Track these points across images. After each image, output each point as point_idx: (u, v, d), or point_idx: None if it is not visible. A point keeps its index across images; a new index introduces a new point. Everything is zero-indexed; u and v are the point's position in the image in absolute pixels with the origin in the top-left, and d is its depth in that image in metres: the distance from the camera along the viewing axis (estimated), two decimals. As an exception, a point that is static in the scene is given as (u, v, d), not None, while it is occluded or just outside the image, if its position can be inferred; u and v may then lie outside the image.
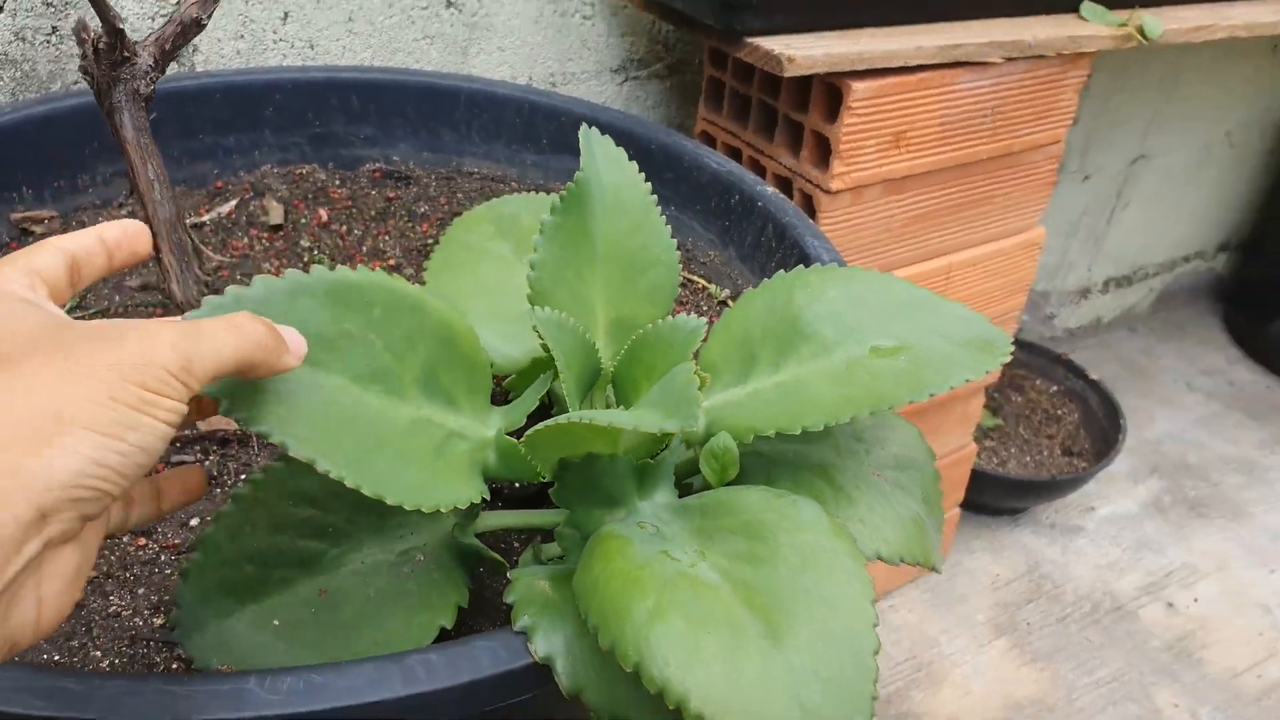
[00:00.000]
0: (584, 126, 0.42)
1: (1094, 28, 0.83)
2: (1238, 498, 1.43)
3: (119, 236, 0.35)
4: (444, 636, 0.36)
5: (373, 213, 0.67)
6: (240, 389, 0.31)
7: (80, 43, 0.42)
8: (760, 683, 0.28)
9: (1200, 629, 1.22)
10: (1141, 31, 0.84)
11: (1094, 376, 1.42)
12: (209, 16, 0.45)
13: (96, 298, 0.56)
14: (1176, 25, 0.86)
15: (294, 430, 0.31)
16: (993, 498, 1.29)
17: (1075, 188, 1.46)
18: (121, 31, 0.41)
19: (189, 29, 0.44)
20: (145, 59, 0.43)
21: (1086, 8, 0.85)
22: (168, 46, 0.44)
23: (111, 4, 0.41)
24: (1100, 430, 1.36)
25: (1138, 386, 1.64)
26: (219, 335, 0.28)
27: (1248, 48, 1.47)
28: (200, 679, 0.29)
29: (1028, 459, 1.33)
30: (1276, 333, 1.68)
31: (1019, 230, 0.95)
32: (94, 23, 0.42)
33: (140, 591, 0.40)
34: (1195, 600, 1.26)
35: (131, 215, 0.63)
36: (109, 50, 0.41)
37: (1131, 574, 1.29)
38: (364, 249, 0.63)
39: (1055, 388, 1.45)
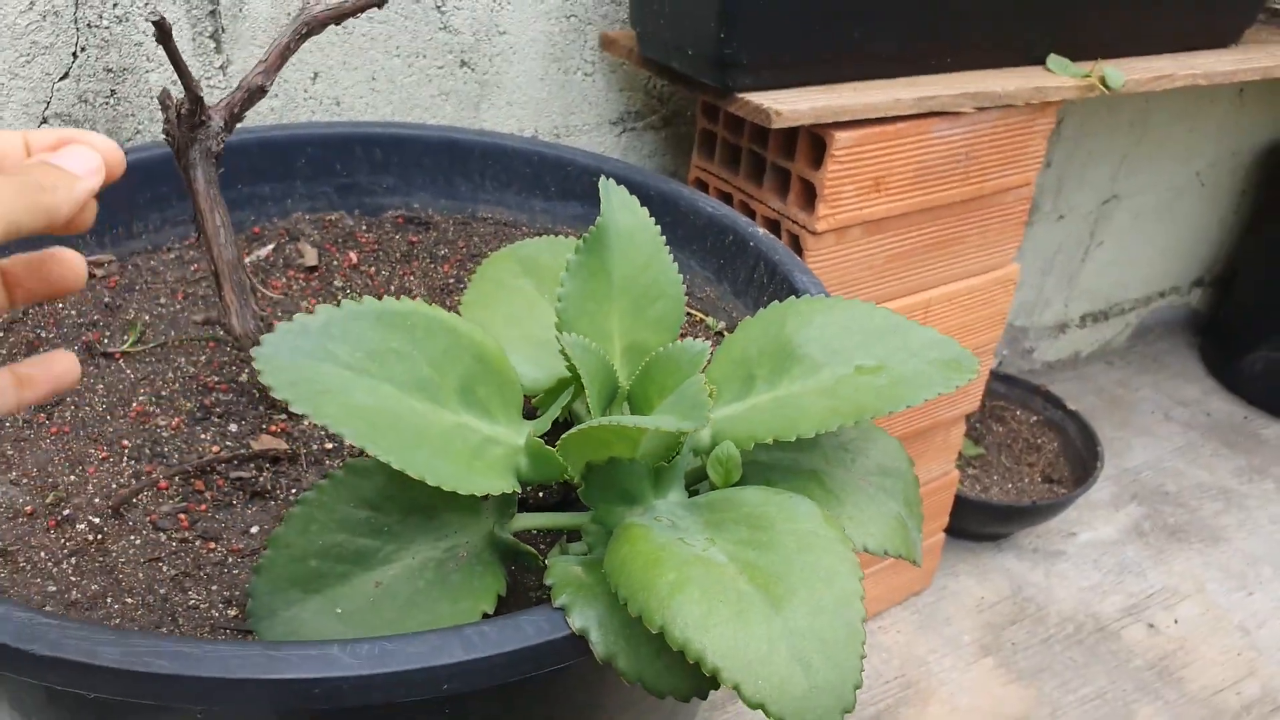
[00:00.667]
0: (603, 179, 0.48)
1: (1059, 79, 0.90)
2: (1215, 523, 1.49)
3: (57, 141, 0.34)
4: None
5: (397, 255, 0.73)
6: (305, 390, 0.37)
7: (164, 109, 0.48)
8: (765, 642, 0.34)
9: (1181, 649, 1.27)
10: (1104, 82, 0.91)
11: (1072, 407, 1.48)
12: (271, 83, 0.51)
13: (155, 333, 0.62)
14: (1138, 75, 0.93)
15: (350, 424, 0.37)
16: (976, 523, 1.34)
17: (1050, 227, 1.54)
18: (201, 99, 0.47)
19: (254, 95, 0.51)
20: (217, 121, 0.50)
21: (1052, 60, 0.92)
22: (236, 110, 0.50)
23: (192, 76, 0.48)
24: (1079, 459, 1.42)
25: (1116, 417, 1.71)
26: None
27: (1215, 91, 1.55)
28: (292, 645, 0.34)
29: (1009, 486, 1.38)
30: (1251, 365, 1.76)
31: (994, 267, 1.01)
32: (175, 90, 0.49)
33: (214, 588, 0.45)
34: (1176, 621, 1.31)
35: (179, 259, 0.69)
36: (190, 115, 0.48)
37: (1113, 596, 1.34)
38: (392, 288, 0.69)
39: (1035, 418, 1.51)
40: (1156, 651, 1.26)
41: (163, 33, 0.43)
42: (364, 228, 0.76)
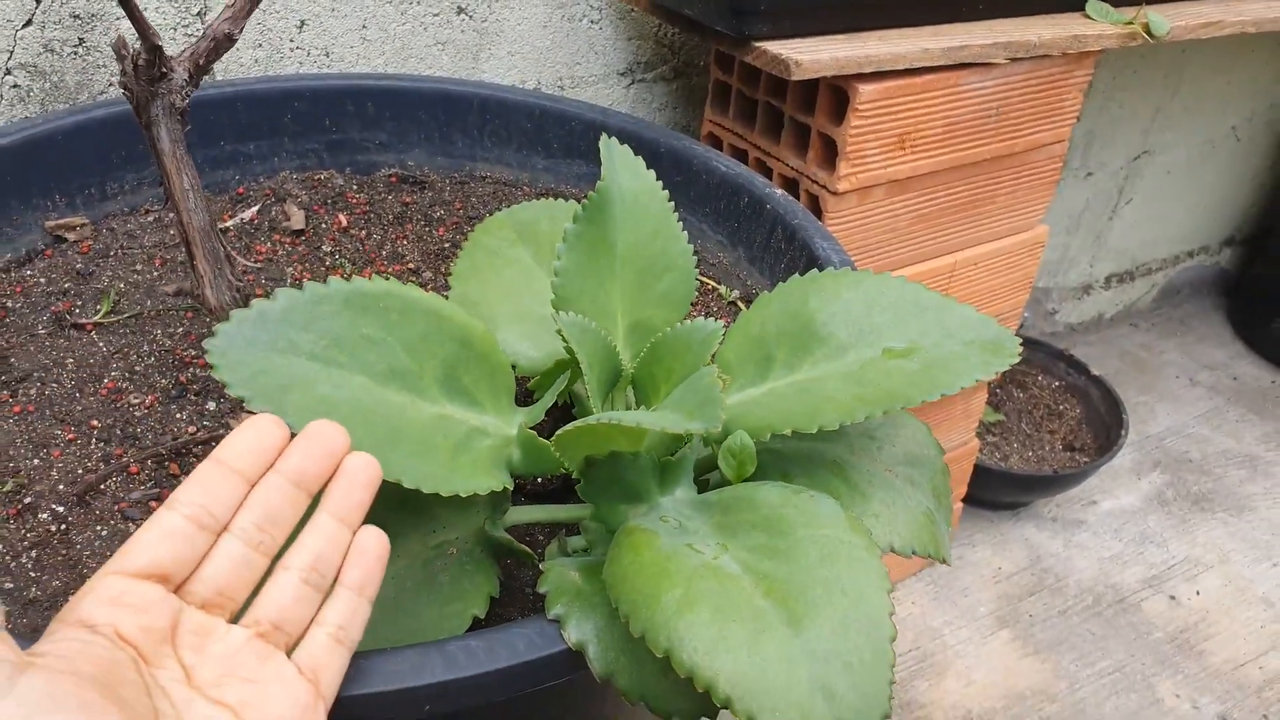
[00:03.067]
0: (604, 137, 0.43)
1: (1099, 26, 0.84)
2: (1240, 492, 1.45)
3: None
4: (476, 625, 0.38)
5: (390, 217, 0.69)
6: (264, 386, 0.33)
7: (120, 59, 0.43)
8: (783, 667, 0.30)
9: (1202, 621, 1.24)
10: (1148, 29, 0.85)
11: (1096, 372, 1.43)
12: (240, 31, 0.46)
13: (130, 302, 0.58)
14: (1183, 22, 0.87)
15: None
16: (995, 492, 1.30)
17: (1077, 184, 1.48)
18: (160, 48, 0.43)
19: (221, 44, 0.46)
20: (180, 74, 0.45)
21: (1092, 6, 0.86)
22: (201, 61, 0.46)
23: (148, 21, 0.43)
24: (1102, 425, 1.38)
25: (1140, 382, 1.66)
26: None
27: (1255, 41, 1.48)
28: (254, 666, 0.31)
29: (1029, 454, 1.34)
30: None
31: (1022, 229, 0.96)
32: (132, 39, 0.44)
33: (183, 586, 0.41)
34: (1198, 593, 1.28)
35: (158, 222, 0.65)
36: (148, 66, 0.43)
37: (1134, 567, 1.31)
38: (383, 253, 0.65)
39: (1057, 383, 1.47)
40: (1177, 624, 1.23)
41: (111, -27, 0.38)
42: (355, 187, 0.72)
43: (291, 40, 0.76)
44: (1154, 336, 1.78)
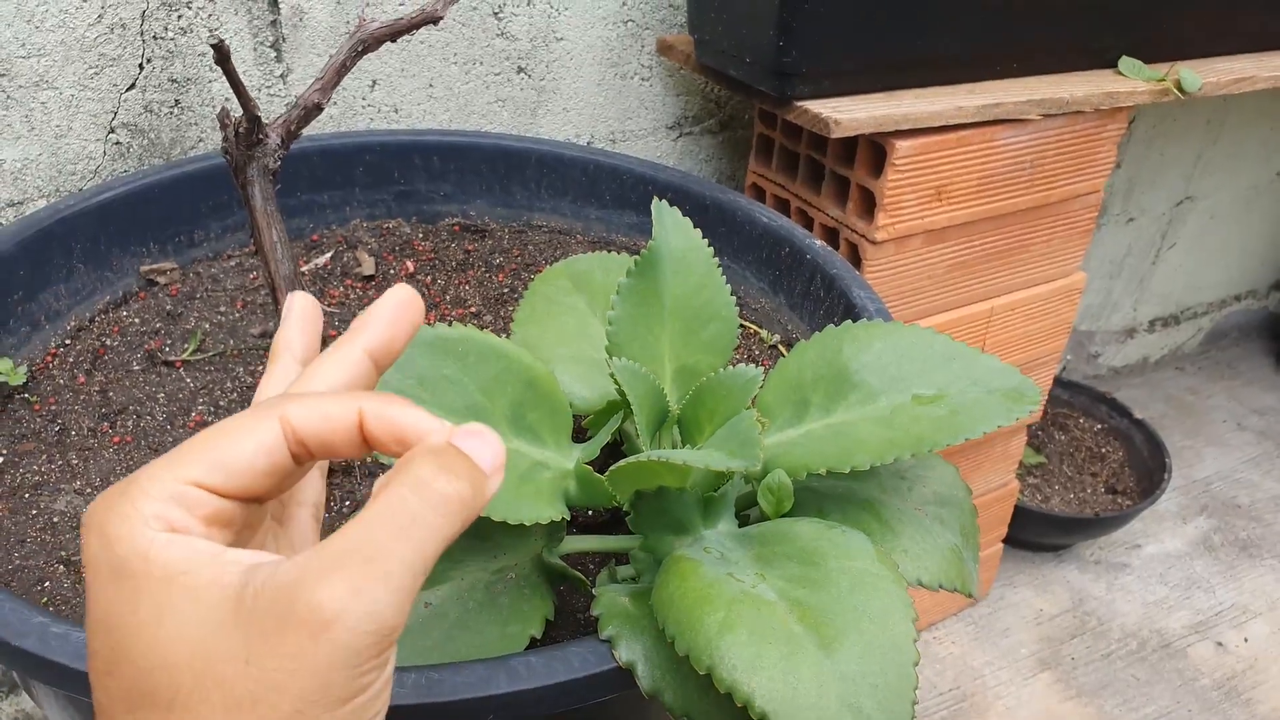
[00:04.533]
0: (655, 200, 0.47)
1: (1131, 83, 0.87)
2: (1290, 538, 1.44)
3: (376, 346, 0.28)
4: (532, 644, 0.41)
5: (453, 264, 0.73)
6: None
7: (223, 127, 0.48)
8: (815, 686, 0.33)
9: (1250, 669, 1.22)
10: (1179, 86, 0.87)
11: (1139, 415, 1.43)
12: (328, 101, 0.51)
13: (214, 341, 0.63)
14: (1215, 78, 0.89)
15: None
16: (1036, 534, 1.31)
17: (1118, 229, 1.49)
18: (259, 118, 0.48)
19: (311, 112, 0.51)
20: (274, 139, 0.50)
21: (1124, 63, 0.89)
22: (293, 128, 0.51)
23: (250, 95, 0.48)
24: (1145, 469, 1.38)
25: (1186, 425, 1.65)
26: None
27: (1294, 90, 1.49)
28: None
29: (1071, 496, 1.35)
30: (1329, 372, 1.68)
31: (1059, 276, 0.98)
32: (233, 107, 0.49)
33: (268, 603, 0.46)
34: (1245, 640, 1.26)
35: (239, 267, 0.71)
36: (247, 134, 0.48)
37: (1180, 612, 1.30)
38: (447, 297, 0.69)
39: (1099, 426, 1.47)
40: (1224, 671, 1.22)
41: (221, 55, 0.44)
42: (421, 235, 0.77)
43: (364, 98, 0.82)
44: (1201, 380, 1.77)
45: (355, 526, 0.23)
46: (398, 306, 0.29)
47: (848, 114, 0.73)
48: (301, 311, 0.30)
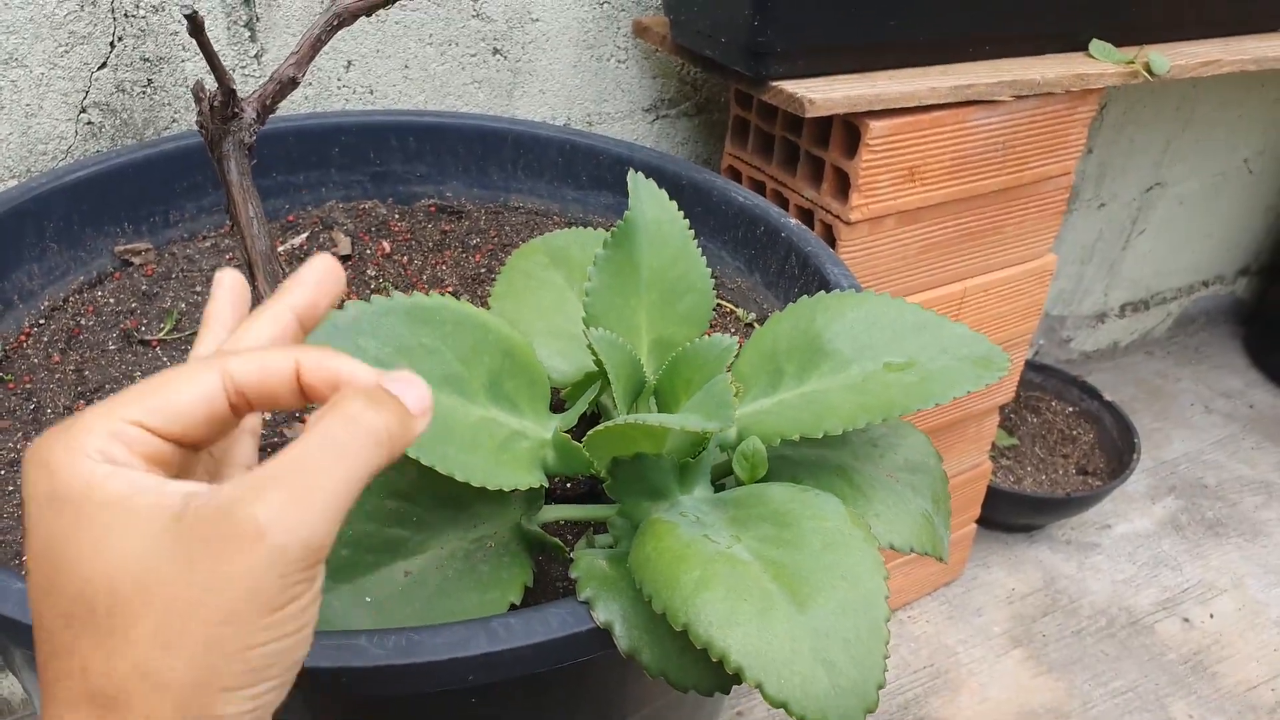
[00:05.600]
0: (631, 171, 0.48)
1: (1102, 65, 0.88)
2: (1255, 518, 1.47)
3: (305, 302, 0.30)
4: (512, 611, 0.42)
5: (430, 244, 0.74)
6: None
7: (198, 101, 0.48)
8: (789, 641, 0.34)
9: (1216, 644, 1.25)
10: (1148, 68, 0.89)
11: (1109, 398, 1.46)
12: (303, 75, 0.51)
13: (190, 321, 0.63)
14: (1184, 61, 0.91)
15: None
16: (1008, 514, 1.33)
17: (1090, 215, 1.51)
18: (234, 91, 0.48)
19: (286, 86, 0.51)
20: (250, 114, 0.50)
21: (1095, 46, 0.90)
22: (269, 102, 0.51)
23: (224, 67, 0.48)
24: (1115, 450, 1.40)
25: (1155, 408, 1.68)
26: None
27: (1266, 76, 1.51)
28: (320, 635, 0.35)
29: (1043, 478, 1.37)
30: (1295, 356, 1.72)
31: (1031, 258, 1.00)
32: (209, 82, 0.49)
33: (247, 574, 0.46)
34: (1211, 616, 1.29)
35: (215, 247, 0.70)
36: (223, 108, 0.48)
37: (1148, 590, 1.32)
38: (424, 277, 0.69)
39: (1071, 409, 1.49)
40: (1191, 646, 1.24)
41: (195, 26, 0.44)
42: (397, 216, 0.77)
43: (339, 79, 0.81)
44: (1170, 364, 1.80)
45: (289, 452, 0.25)
46: (322, 272, 0.31)
47: (822, 94, 0.73)
48: (230, 285, 0.32)
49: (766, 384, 0.46)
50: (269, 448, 0.54)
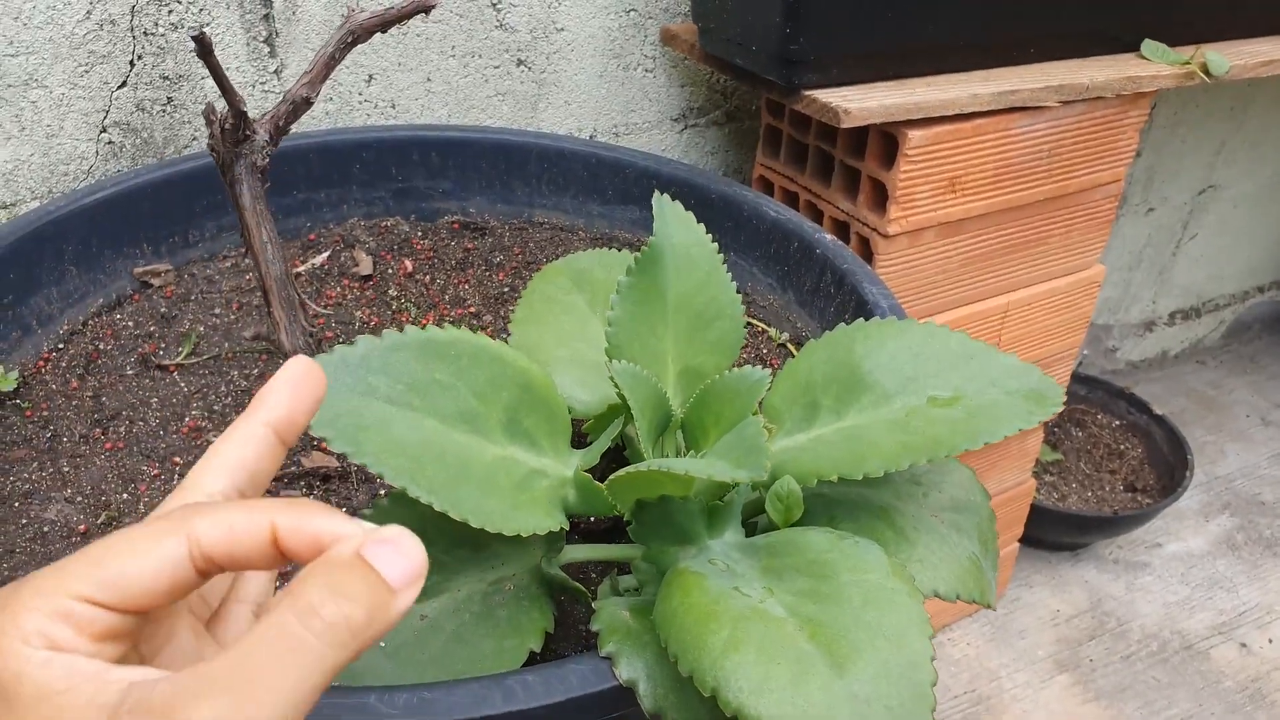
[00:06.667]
0: (656, 194, 0.45)
1: (1155, 67, 0.84)
2: (1315, 535, 1.40)
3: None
4: (532, 658, 0.39)
5: (453, 262, 0.72)
6: (345, 426, 0.35)
7: (209, 124, 0.47)
8: (826, 709, 0.31)
9: (1276, 670, 1.19)
10: (1205, 69, 0.84)
11: (1159, 411, 1.40)
12: (317, 95, 0.50)
13: (209, 345, 0.61)
14: (1243, 61, 0.86)
15: (390, 462, 0.35)
16: (1052, 533, 1.28)
17: (1138, 220, 1.46)
18: (245, 114, 0.46)
19: (300, 107, 0.49)
20: (262, 135, 0.48)
21: (1148, 46, 0.86)
22: (281, 123, 0.49)
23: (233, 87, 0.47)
24: (1166, 466, 1.35)
25: (1208, 421, 1.62)
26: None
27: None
28: (327, 692, 0.33)
29: (1089, 494, 1.32)
30: (1353, 364, 1.64)
31: (1078, 269, 0.96)
32: (220, 104, 0.47)
33: (257, 617, 0.44)
34: (1270, 641, 1.24)
35: (235, 267, 0.69)
36: (233, 130, 0.46)
37: (1202, 613, 1.27)
38: (446, 297, 0.68)
39: (1118, 422, 1.44)
40: (1249, 673, 1.19)
41: (204, 48, 0.42)
42: (420, 233, 0.75)
43: (360, 94, 0.80)
44: (1223, 374, 1.74)
45: (236, 649, 0.22)
46: (296, 379, 0.28)
47: (858, 103, 0.70)
48: (291, 376, 0.29)
49: (801, 418, 0.43)
50: (285, 477, 0.52)
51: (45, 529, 0.49)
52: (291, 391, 0.28)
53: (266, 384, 0.28)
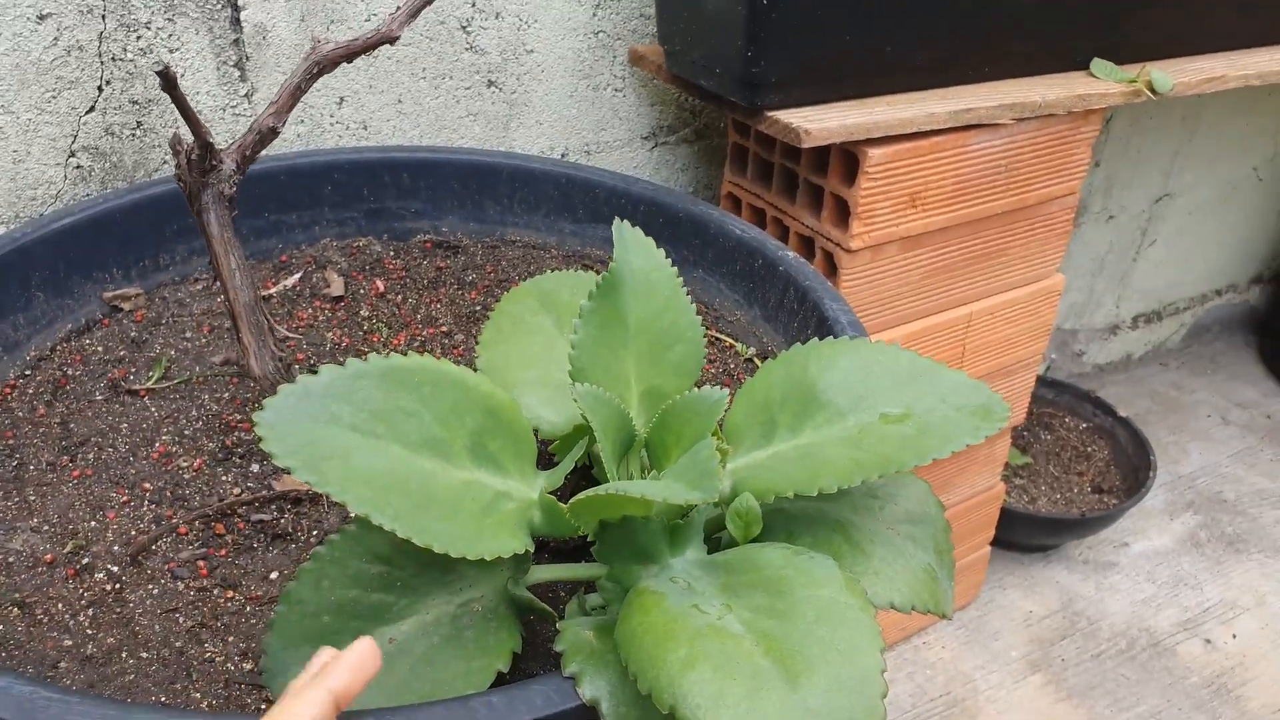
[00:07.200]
0: (616, 221, 0.46)
1: (1104, 85, 0.87)
2: (1276, 532, 1.43)
3: None
4: (500, 678, 0.40)
5: (425, 282, 0.73)
6: (309, 456, 0.36)
7: (175, 154, 0.47)
8: (780, 722, 0.32)
9: (1239, 665, 1.22)
10: (1151, 86, 0.87)
11: (1123, 413, 1.43)
12: (283, 124, 0.51)
13: (179, 369, 0.62)
14: (1186, 79, 0.89)
15: (354, 490, 0.36)
16: (1023, 535, 1.30)
17: (1099, 227, 1.49)
18: (211, 144, 0.47)
19: (266, 136, 0.50)
20: (229, 165, 0.49)
21: (1097, 65, 0.89)
22: (248, 153, 0.50)
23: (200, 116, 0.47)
24: (1131, 467, 1.38)
25: (1170, 421, 1.65)
26: None
27: (1273, 85, 1.49)
28: None
29: (1058, 496, 1.34)
30: (1313, 364, 1.68)
31: (1038, 278, 0.98)
32: (186, 134, 0.48)
33: (230, 639, 0.45)
34: (1234, 636, 1.26)
35: (206, 290, 0.70)
36: (200, 160, 0.47)
37: (1168, 610, 1.30)
38: (418, 316, 0.68)
39: (1084, 425, 1.47)
40: (1214, 668, 1.22)
41: (168, 82, 0.43)
42: (392, 253, 0.76)
43: (331, 115, 0.81)
44: (1184, 375, 1.77)
45: None
46: (364, 657, 0.34)
47: (818, 123, 0.72)
48: (359, 658, 0.34)
49: (760, 436, 0.45)
50: (256, 501, 0.53)
51: (10, 559, 0.49)
52: (358, 666, 0.34)
53: (338, 656, 0.34)
